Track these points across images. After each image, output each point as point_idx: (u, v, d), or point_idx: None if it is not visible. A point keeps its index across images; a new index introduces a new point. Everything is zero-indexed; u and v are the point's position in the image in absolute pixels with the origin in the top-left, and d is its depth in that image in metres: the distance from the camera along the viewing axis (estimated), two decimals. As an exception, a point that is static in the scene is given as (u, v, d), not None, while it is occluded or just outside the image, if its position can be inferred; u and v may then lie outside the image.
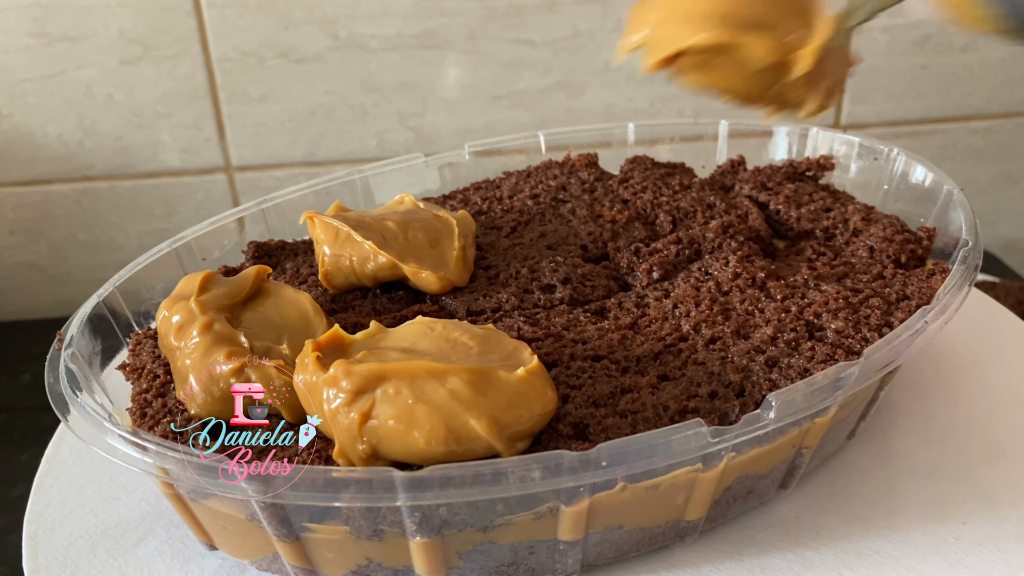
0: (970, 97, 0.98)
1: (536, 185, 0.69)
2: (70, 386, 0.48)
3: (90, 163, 0.95)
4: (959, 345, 0.64)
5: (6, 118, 0.92)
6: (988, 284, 0.82)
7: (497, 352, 0.45)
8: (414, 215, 0.59)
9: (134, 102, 0.92)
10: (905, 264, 0.57)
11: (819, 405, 0.43)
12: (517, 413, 0.42)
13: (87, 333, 0.53)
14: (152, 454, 0.42)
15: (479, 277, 0.58)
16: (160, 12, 0.88)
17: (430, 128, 0.96)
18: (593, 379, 0.48)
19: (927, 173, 0.62)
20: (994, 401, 0.59)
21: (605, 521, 0.45)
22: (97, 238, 0.99)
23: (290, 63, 0.91)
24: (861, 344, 0.48)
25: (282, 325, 0.50)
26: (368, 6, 0.89)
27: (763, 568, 0.48)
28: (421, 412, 0.40)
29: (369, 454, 0.41)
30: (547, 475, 0.39)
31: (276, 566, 0.48)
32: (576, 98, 0.95)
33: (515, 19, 0.91)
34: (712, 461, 0.44)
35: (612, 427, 0.44)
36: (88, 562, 0.51)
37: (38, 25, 0.88)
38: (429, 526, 0.42)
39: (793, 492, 0.52)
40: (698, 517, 0.47)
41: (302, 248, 0.64)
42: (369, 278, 0.56)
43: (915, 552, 0.48)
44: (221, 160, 0.96)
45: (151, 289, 0.59)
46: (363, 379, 0.41)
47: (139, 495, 0.56)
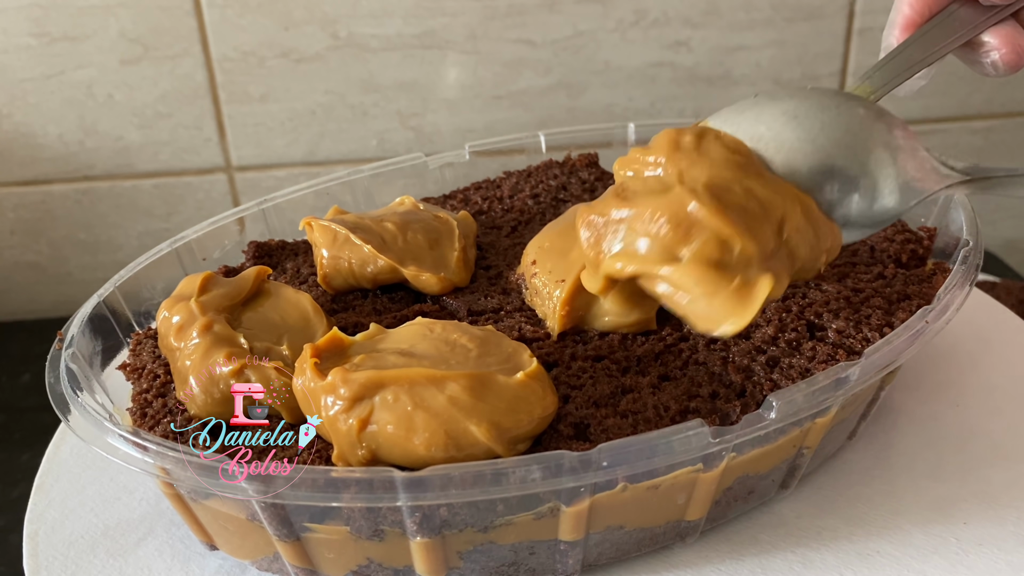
0: (970, 97, 0.97)
1: (537, 185, 0.69)
2: (71, 386, 0.48)
3: (90, 163, 0.95)
4: (960, 345, 0.64)
5: (6, 118, 0.92)
6: (989, 284, 0.82)
7: (496, 354, 0.45)
8: (413, 216, 0.59)
9: (134, 102, 0.92)
10: (906, 264, 0.57)
11: (820, 405, 0.43)
12: (517, 417, 0.42)
13: (88, 333, 0.53)
14: (152, 454, 0.42)
15: (480, 277, 0.58)
16: (160, 12, 0.88)
17: (430, 128, 0.96)
18: (594, 379, 0.47)
19: (928, 173, 0.62)
20: (995, 401, 0.59)
21: (606, 521, 0.45)
22: (97, 238, 0.99)
23: (290, 63, 0.91)
24: (862, 344, 0.48)
25: (282, 326, 0.50)
26: (368, 6, 0.89)
27: (764, 568, 0.48)
28: (420, 419, 0.40)
29: (368, 459, 0.41)
30: (548, 475, 0.39)
31: (276, 566, 0.48)
32: (576, 98, 0.95)
33: (515, 19, 0.91)
34: (713, 461, 0.44)
35: (613, 427, 0.44)
36: (88, 562, 0.51)
37: (38, 25, 0.88)
38: (430, 526, 0.42)
39: (794, 492, 0.52)
40: (699, 517, 0.47)
41: (302, 248, 0.64)
42: (369, 280, 0.56)
43: (916, 552, 0.48)
44: (221, 160, 0.96)
45: (151, 289, 0.59)
46: (361, 386, 0.41)
47: (139, 495, 0.56)
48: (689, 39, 0.92)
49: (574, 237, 0.47)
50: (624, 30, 0.91)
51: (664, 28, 0.91)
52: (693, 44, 0.93)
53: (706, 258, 0.40)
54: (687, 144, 0.43)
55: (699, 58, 0.93)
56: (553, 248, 0.52)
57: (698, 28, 0.92)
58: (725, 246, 0.40)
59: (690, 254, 0.40)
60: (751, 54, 0.93)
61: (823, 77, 0.95)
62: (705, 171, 0.42)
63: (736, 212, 0.40)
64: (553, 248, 0.52)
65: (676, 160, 0.42)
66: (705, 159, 0.42)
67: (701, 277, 0.40)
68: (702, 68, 0.94)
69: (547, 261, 0.52)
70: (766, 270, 0.40)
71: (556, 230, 0.54)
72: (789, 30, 0.93)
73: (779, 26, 0.92)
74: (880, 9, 0.92)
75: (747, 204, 0.40)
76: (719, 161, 0.42)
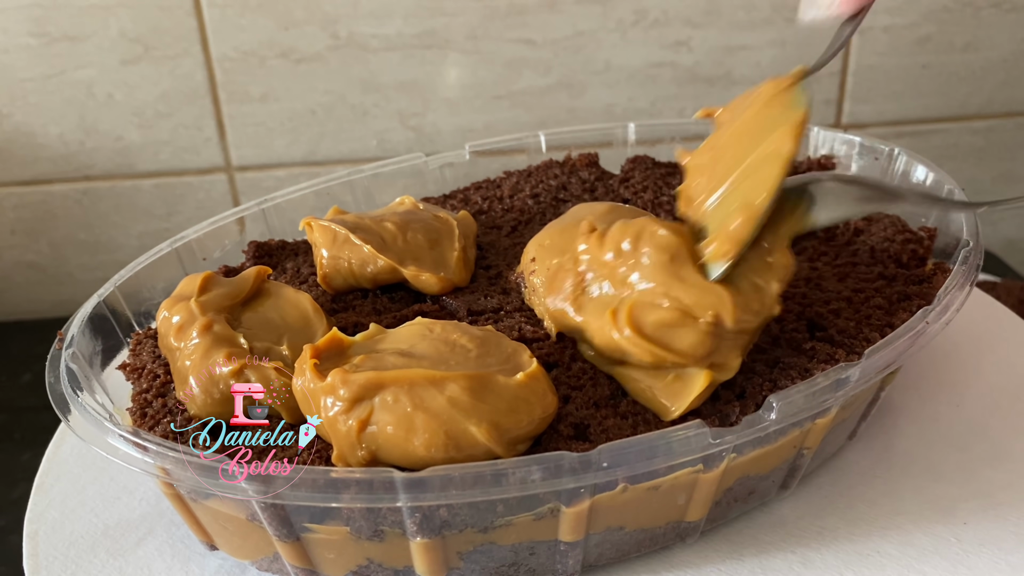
0: (971, 97, 0.97)
1: (537, 184, 0.69)
2: (71, 386, 0.48)
3: (90, 163, 0.95)
4: (960, 345, 0.64)
5: (6, 118, 0.92)
6: (989, 284, 0.82)
7: (496, 355, 0.45)
8: (413, 216, 0.59)
9: (134, 102, 0.92)
10: (906, 264, 0.57)
11: (820, 406, 0.43)
12: (517, 418, 0.42)
13: (88, 333, 0.53)
14: (153, 454, 0.42)
15: (480, 277, 0.58)
16: (160, 12, 0.88)
17: (430, 128, 0.96)
18: (594, 380, 0.47)
19: (928, 173, 0.62)
20: (996, 401, 0.59)
21: (606, 522, 0.45)
22: (97, 238, 0.99)
23: (290, 63, 0.91)
24: (862, 344, 0.48)
25: (282, 325, 0.50)
26: (368, 5, 0.89)
27: (764, 568, 0.48)
28: (420, 420, 0.40)
29: (368, 460, 0.41)
30: (548, 476, 0.39)
31: (276, 566, 0.48)
32: (577, 98, 0.95)
33: (516, 19, 0.91)
34: (713, 462, 0.44)
35: (613, 428, 0.44)
36: (89, 562, 0.51)
37: (38, 25, 0.88)
38: (430, 527, 0.42)
39: (794, 492, 0.52)
40: (699, 518, 0.47)
41: (303, 248, 0.64)
42: (369, 281, 0.56)
43: (916, 552, 0.48)
44: (221, 160, 0.96)
45: (152, 289, 0.59)
46: (360, 388, 0.41)
47: (140, 495, 0.56)
48: (689, 39, 0.92)
49: (574, 235, 0.50)
50: (624, 30, 0.91)
51: (664, 28, 0.91)
52: (693, 44, 0.92)
53: (642, 366, 0.45)
54: (626, 249, 0.46)
55: (699, 58, 0.93)
56: (553, 246, 0.52)
57: (698, 28, 0.92)
58: (657, 358, 0.44)
59: (629, 362, 0.46)
60: (751, 54, 0.93)
61: (823, 76, 0.95)
62: (635, 288, 0.45)
63: (658, 331, 0.44)
64: (553, 246, 0.52)
65: (614, 269, 0.46)
66: (639, 268, 0.45)
67: (640, 376, 0.45)
68: (702, 68, 0.94)
69: (547, 259, 0.52)
70: (704, 367, 0.44)
71: (557, 228, 0.54)
72: (789, 30, 0.93)
73: (779, 26, 0.92)
74: (880, 9, 0.92)
75: (669, 321, 0.44)
76: (649, 269, 0.45)
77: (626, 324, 0.44)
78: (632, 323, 0.44)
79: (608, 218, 0.51)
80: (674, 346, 0.43)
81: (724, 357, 0.44)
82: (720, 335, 0.44)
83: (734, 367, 0.45)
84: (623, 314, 0.44)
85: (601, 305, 0.46)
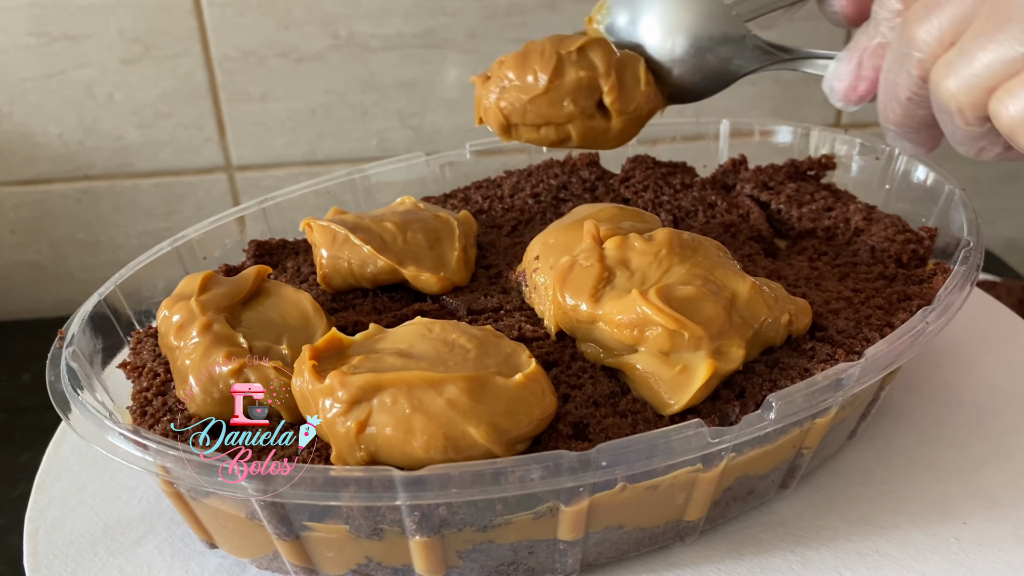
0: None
1: (537, 184, 0.69)
2: (71, 384, 0.48)
3: (90, 162, 0.95)
4: (960, 345, 0.64)
5: (6, 117, 0.92)
6: (989, 283, 0.82)
7: (495, 355, 0.45)
8: (413, 216, 0.59)
9: (134, 102, 0.92)
10: (907, 264, 0.57)
11: (820, 406, 0.43)
12: (516, 419, 0.42)
13: (88, 331, 0.53)
14: (153, 452, 0.42)
15: (480, 276, 0.58)
16: (160, 11, 0.88)
17: (430, 127, 0.96)
18: (593, 379, 0.47)
19: (928, 172, 0.62)
20: (996, 401, 0.59)
21: (605, 521, 0.45)
22: (97, 237, 0.99)
23: (290, 62, 0.91)
24: (862, 344, 0.48)
25: (282, 325, 0.50)
26: (368, 5, 0.89)
27: (763, 568, 0.48)
28: (418, 421, 0.40)
29: (367, 461, 0.41)
30: (547, 475, 0.39)
31: (276, 565, 0.48)
32: (577, 97, 0.95)
33: (515, 18, 0.91)
34: (712, 461, 0.44)
35: (612, 427, 0.44)
36: (89, 560, 0.51)
37: (38, 25, 0.88)
38: (429, 525, 0.42)
39: (793, 492, 0.52)
40: (698, 517, 0.47)
41: (303, 247, 0.64)
42: (369, 281, 0.56)
43: (916, 552, 0.48)
44: (221, 159, 0.96)
45: (152, 288, 0.59)
46: (359, 389, 0.41)
47: (140, 493, 0.56)
48: (689, 39, 0.92)
49: (579, 235, 0.51)
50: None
51: (664, 28, 0.91)
52: (693, 44, 0.92)
53: (657, 348, 0.45)
54: (678, 244, 0.49)
55: (699, 58, 0.93)
56: (558, 244, 0.53)
57: (698, 28, 0.92)
58: (675, 335, 0.45)
59: (645, 347, 0.46)
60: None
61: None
62: (659, 274, 0.48)
63: (684, 304, 0.45)
64: (558, 244, 0.53)
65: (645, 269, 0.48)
66: (665, 264, 0.48)
67: (647, 363, 0.46)
68: (702, 68, 0.94)
69: (551, 257, 0.52)
70: (709, 354, 0.45)
71: (562, 227, 0.54)
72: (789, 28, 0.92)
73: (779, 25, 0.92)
74: (881, 9, 0.91)
75: (694, 295, 0.46)
76: (676, 262, 0.48)
77: (655, 295, 0.45)
78: (661, 294, 0.45)
79: (612, 219, 0.53)
80: (695, 316, 0.45)
81: (728, 344, 0.45)
82: (732, 313, 0.46)
83: (736, 358, 0.45)
84: (653, 289, 0.46)
85: (623, 292, 0.47)
